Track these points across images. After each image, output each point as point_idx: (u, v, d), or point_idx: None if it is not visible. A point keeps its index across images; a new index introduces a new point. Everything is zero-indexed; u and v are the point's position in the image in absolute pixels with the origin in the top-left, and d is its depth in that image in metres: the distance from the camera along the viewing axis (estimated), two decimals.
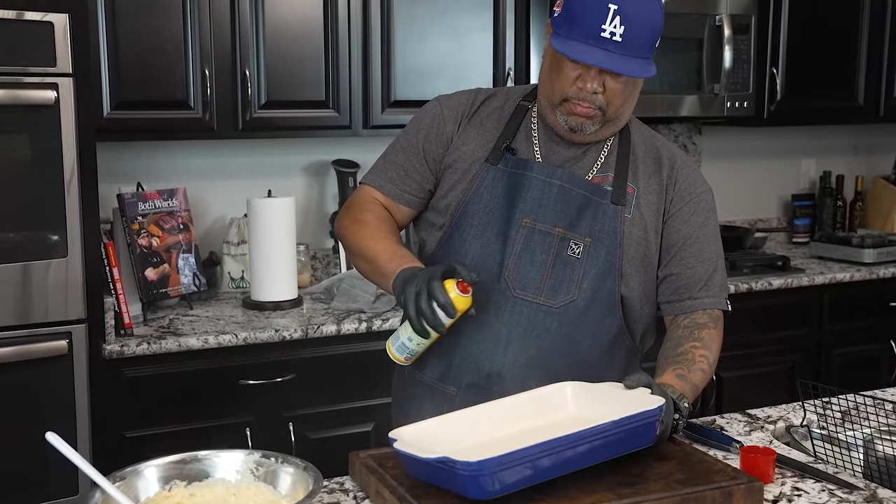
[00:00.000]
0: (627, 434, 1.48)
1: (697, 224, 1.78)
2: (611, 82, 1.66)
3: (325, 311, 2.88)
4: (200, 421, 2.62)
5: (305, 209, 3.32)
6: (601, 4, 1.59)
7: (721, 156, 4.06)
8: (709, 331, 1.78)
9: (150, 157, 3.07)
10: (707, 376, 1.74)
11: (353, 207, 1.82)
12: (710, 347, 1.76)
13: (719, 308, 1.81)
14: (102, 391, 2.50)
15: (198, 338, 2.58)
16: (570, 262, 1.73)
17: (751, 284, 3.31)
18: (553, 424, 1.62)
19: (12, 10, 2.28)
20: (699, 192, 1.80)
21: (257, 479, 1.42)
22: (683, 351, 1.74)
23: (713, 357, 1.75)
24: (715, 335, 1.78)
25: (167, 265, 2.82)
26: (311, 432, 2.73)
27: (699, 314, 1.79)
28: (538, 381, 1.69)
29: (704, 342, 1.75)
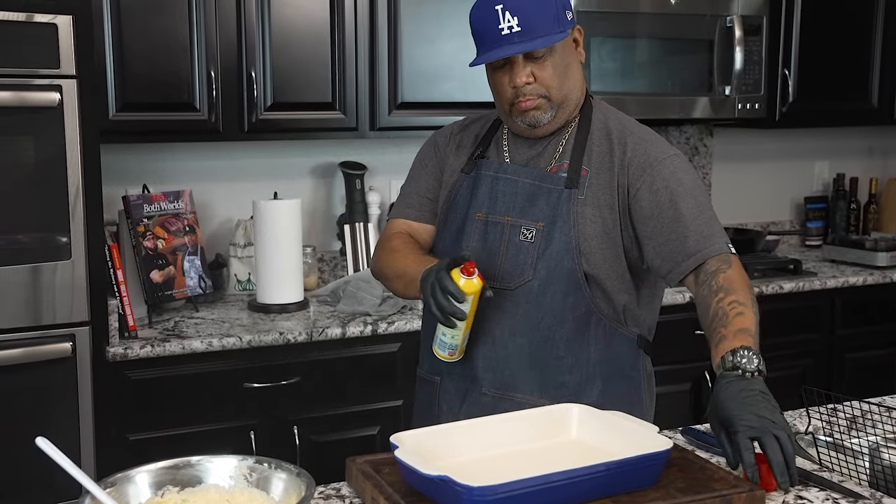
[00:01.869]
0: (632, 473, 1.46)
1: (665, 191, 1.78)
2: (537, 70, 1.77)
3: (331, 314, 2.87)
4: (204, 424, 2.61)
5: (312, 211, 3.31)
6: (490, 10, 1.73)
7: (733, 158, 4.02)
8: (724, 275, 1.73)
9: (156, 159, 3.07)
10: (750, 312, 1.70)
11: (382, 241, 1.98)
12: (735, 288, 1.71)
13: (722, 252, 1.75)
14: (106, 394, 2.49)
15: (202, 340, 2.57)
16: (523, 247, 1.81)
17: (761, 288, 3.28)
18: (554, 447, 1.61)
19: (16, 12, 2.28)
20: (659, 160, 1.80)
21: (250, 484, 1.41)
22: (714, 312, 1.71)
23: (744, 294, 1.71)
24: (733, 275, 1.73)
25: (172, 267, 2.82)
26: (316, 436, 2.72)
27: (707, 265, 1.75)
28: (508, 360, 1.82)
29: (725, 288, 1.71)
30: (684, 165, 1.82)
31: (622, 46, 3.32)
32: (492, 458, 1.56)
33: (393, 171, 3.38)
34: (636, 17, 3.28)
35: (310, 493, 1.32)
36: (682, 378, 3.23)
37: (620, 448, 1.53)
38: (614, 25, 3.25)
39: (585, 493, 1.43)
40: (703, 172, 3.96)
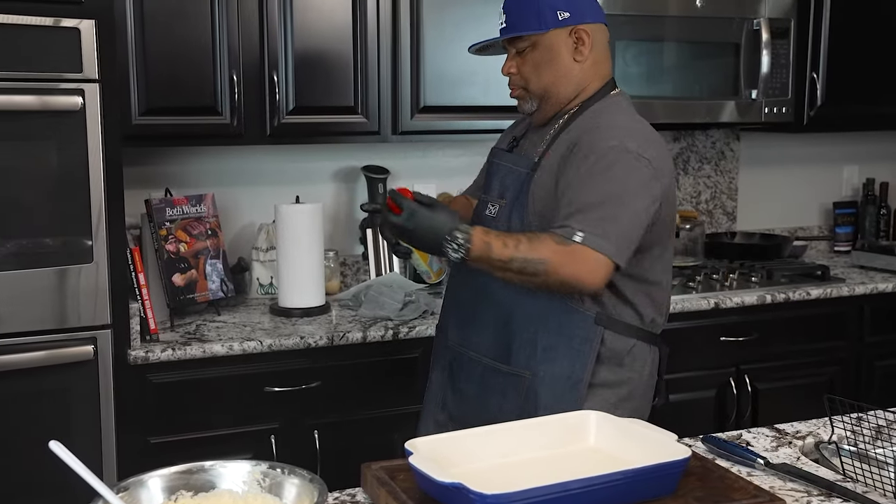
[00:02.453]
0: (649, 482, 1.44)
1: (577, 171, 1.88)
2: (520, 64, 2.01)
3: (353, 319, 2.86)
4: (225, 428, 2.62)
5: (335, 215, 3.31)
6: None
7: (760, 162, 3.98)
8: (544, 235, 1.84)
9: (179, 163, 3.08)
10: (509, 250, 1.81)
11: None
12: (533, 240, 1.82)
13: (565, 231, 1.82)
14: (127, 397, 2.50)
15: (223, 344, 2.58)
16: (487, 220, 2.03)
17: (788, 294, 3.23)
18: (571, 455, 1.59)
19: (39, 17, 2.29)
20: (594, 148, 1.88)
21: (263, 490, 1.40)
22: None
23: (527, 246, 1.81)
24: (548, 239, 1.82)
25: (195, 271, 2.82)
26: (336, 441, 2.71)
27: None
28: (469, 320, 2.06)
29: (528, 235, 1.86)
30: (614, 155, 1.85)
31: (647, 50, 3.29)
32: (508, 466, 1.55)
33: (416, 175, 3.37)
34: (662, 20, 3.26)
35: (322, 498, 1.31)
36: (706, 385, 3.19)
37: (638, 456, 1.52)
38: (639, 29, 3.23)
39: (602, 501, 1.41)
40: (730, 177, 3.92)
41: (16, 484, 2.35)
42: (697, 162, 3.85)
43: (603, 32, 2.02)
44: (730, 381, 3.20)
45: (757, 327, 3.22)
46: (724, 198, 3.93)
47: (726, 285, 3.25)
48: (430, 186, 3.42)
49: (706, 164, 3.87)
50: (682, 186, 3.83)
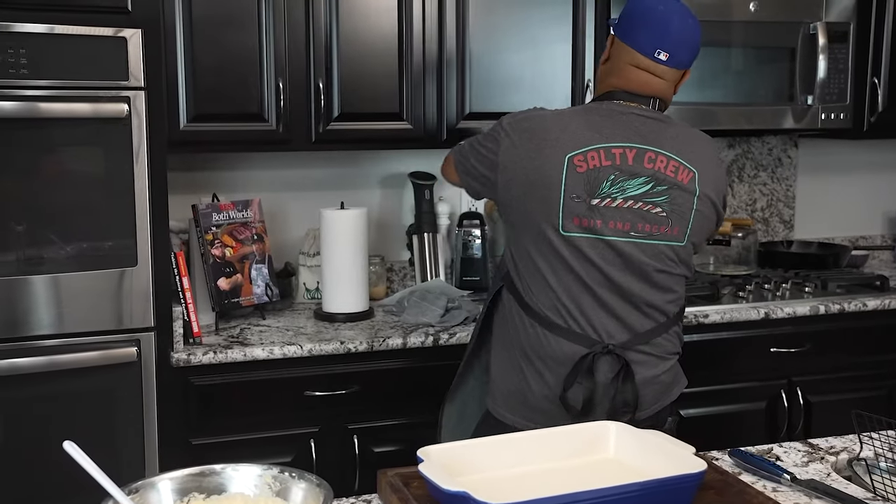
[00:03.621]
0: (662, 496, 1.42)
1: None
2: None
3: (395, 324, 2.87)
4: (265, 430, 2.65)
5: (382, 221, 3.33)
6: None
7: (819, 169, 3.88)
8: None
9: (227, 169, 3.14)
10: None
11: None
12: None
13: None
14: (170, 398, 2.55)
15: (264, 348, 2.61)
16: None
17: (843, 305, 3.15)
18: (590, 465, 1.58)
19: (88, 27, 2.35)
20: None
21: (274, 493, 1.41)
22: None
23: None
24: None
25: (240, 275, 2.87)
26: (376, 445, 2.73)
27: None
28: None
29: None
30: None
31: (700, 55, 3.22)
32: (521, 476, 1.54)
33: None
34: (714, 24, 3.20)
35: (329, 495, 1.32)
36: (757, 396, 3.12)
37: (656, 469, 1.49)
38: None
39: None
40: (787, 184, 3.83)
41: (55, 484, 2.41)
42: (753, 169, 3.78)
43: (629, 55, 2.12)
44: (781, 394, 3.13)
45: (810, 338, 3.14)
46: (781, 205, 3.85)
47: (778, 295, 3.18)
48: None
49: (762, 171, 3.79)
50: (736, 194, 3.76)
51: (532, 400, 2.12)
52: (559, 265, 2.06)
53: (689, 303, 3.06)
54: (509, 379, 2.17)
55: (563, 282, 2.06)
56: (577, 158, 2.04)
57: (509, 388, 2.17)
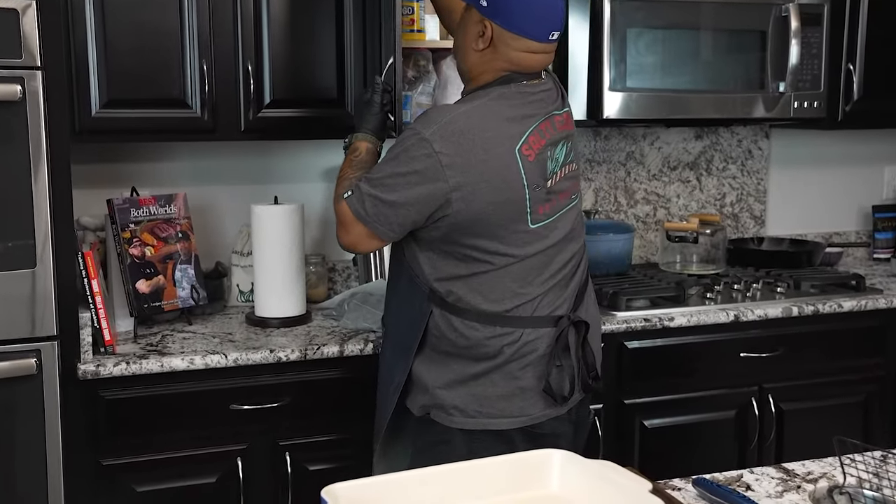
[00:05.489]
0: None
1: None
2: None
3: (332, 330, 2.62)
4: (186, 449, 2.39)
5: (323, 218, 3.07)
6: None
7: (791, 162, 3.67)
8: (344, 182, 2.10)
9: (148, 160, 2.87)
10: (340, 175, 2.16)
11: None
12: (341, 182, 2.13)
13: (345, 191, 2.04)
14: (76, 415, 2.29)
15: (183, 358, 2.36)
16: None
17: (817, 306, 2.93)
18: (529, 502, 1.34)
19: None
20: (403, 132, 2.02)
21: None
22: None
23: (338, 182, 2.14)
24: (340, 186, 2.11)
25: (162, 277, 2.61)
26: (311, 463, 2.48)
27: None
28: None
29: (349, 174, 2.13)
30: (412, 141, 1.93)
31: (662, 38, 3.01)
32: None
33: None
34: (677, 5, 2.97)
35: None
36: (726, 405, 2.91)
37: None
38: (652, 15, 2.94)
39: None
40: (758, 178, 3.62)
41: None
42: (722, 162, 3.56)
43: (521, 42, 1.99)
44: (752, 402, 2.91)
45: (782, 342, 2.93)
46: (752, 200, 3.63)
47: (748, 296, 2.96)
48: None
49: (731, 163, 3.58)
50: (704, 188, 3.54)
51: (498, 403, 2.03)
52: (527, 258, 1.99)
53: (653, 304, 2.85)
54: (471, 390, 2.03)
55: (528, 275, 2.00)
56: (524, 148, 1.96)
57: (472, 395, 2.03)
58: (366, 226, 1.98)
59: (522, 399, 2.01)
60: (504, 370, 2.00)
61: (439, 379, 2.05)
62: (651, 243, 3.49)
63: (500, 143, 1.93)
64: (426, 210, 1.94)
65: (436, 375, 2.05)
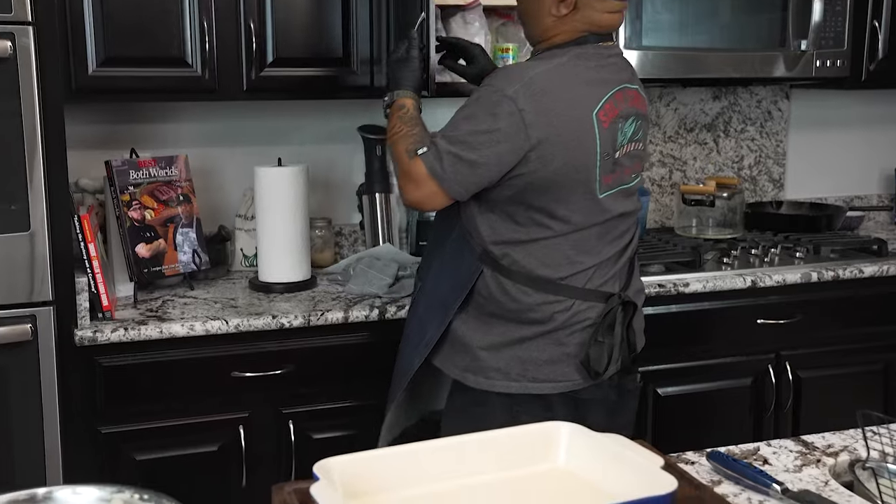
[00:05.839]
0: None
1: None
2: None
3: (337, 296, 2.56)
4: (187, 417, 2.34)
5: (329, 180, 3.00)
6: None
7: (812, 123, 3.57)
8: (408, 138, 2.00)
9: (148, 121, 2.79)
10: (392, 132, 2.05)
11: None
12: (402, 137, 2.01)
13: (418, 147, 1.94)
14: (74, 382, 2.24)
15: (183, 324, 2.29)
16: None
17: (837, 272, 2.84)
18: (534, 478, 1.27)
19: None
20: (477, 90, 1.95)
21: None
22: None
23: (396, 138, 2.02)
24: (404, 141, 1.99)
25: (163, 241, 2.54)
26: (315, 431, 2.43)
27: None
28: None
29: (407, 129, 2.03)
30: (491, 96, 1.87)
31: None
32: (447, 493, 1.23)
33: None
34: None
35: None
36: (742, 372, 2.83)
37: (617, 485, 1.20)
38: None
39: None
40: (777, 140, 3.52)
41: None
42: (740, 123, 3.46)
43: (603, 3, 1.95)
44: (768, 369, 2.84)
45: (800, 309, 2.84)
46: (770, 163, 3.53)
47: (766, 261, 2.88)
48: None
49: (750, 125, 3.47)
50: (722, 150, 3.44)
51: (544, 367, 1.99)
52: (586, 227, 1.95)
53: (668, 270, 2.77)
54: (516, 353, 1.99)
55: (588, 244, 1.96)
56: (601, 114, 1.92)
57: (517, 357, 1.99)
58: (440, 184, 1.91)
59: (567, 365, 1.98)
60: (552, 336, 1.96)
61: (482, 340, 1.99)
62: (667, 207, 3.40)
63: (580, 106, 1.90)
64: (504, 168, 1.88)
65: (479, 336, 2.00)
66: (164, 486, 2.23)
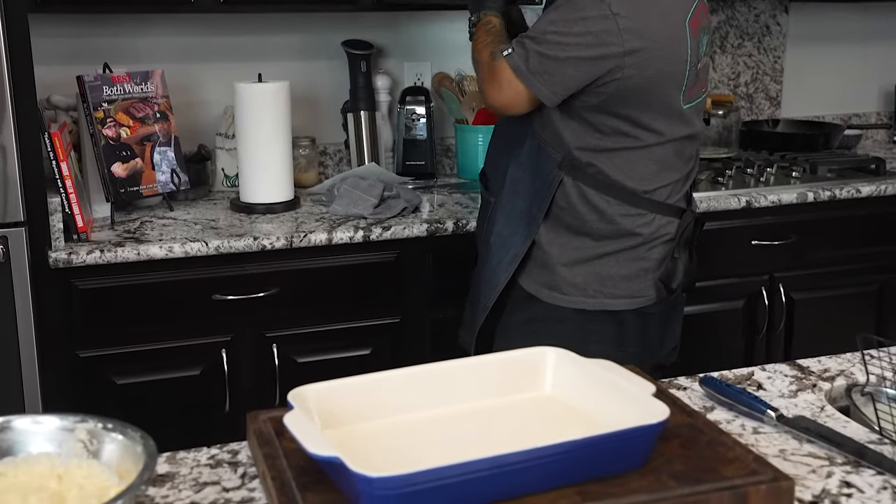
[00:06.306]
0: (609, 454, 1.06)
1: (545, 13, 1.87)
2: None
3: (321, 217, 2.48)
4: (168, 340, 2.29)
5: (313, 98, 2.90)
6: None
7: (810, 39, 3.46)
8: (492, 45, 1.94)
9: (122, 34, 2.67)
10: (477, 42, 1.99)
11: None
12: (485, 44, 1.95)
13: (504, 48, 1.87)
14: (50, 305, 2.17)
15: (162, 245, 2.22)
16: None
17: (834, 191, 2.78)
18: (519, 406, 1.22)
19: None
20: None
21: (91, 454, 1.05)
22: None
23: (479, 44, 1.97)
24: (489, 47, 1.93)
25: (140, 160, 2.46)
26: (298, 355, 2.38)
27: None
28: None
29: (491, 38, 1.96)
30: (579, 2, 1.79)
31: None
32: (428, 422, 1.18)
33: (407, 53, 2.96)
34: None
35: (150, 462, 0.97)
36: (734, 294, 2.78)
37: (607, 413, 1.15)
38: None
39: (540, 480, 1.04)
40: (775, 56, 3.42)
41: None
42: (737, 38, 3.35)
43: None
44: (762, 291, 2.79)
45: (795, 229, 2.78)
46: (768, 80, 3.43)
47: (762, 181, 2.81)
48: (425, 65, 3.00)
49: (747, 40, 3.37)
50: (718, 66, 3.34)
51: (622, 283, 1.94)
52: (670, 141, 1.90)
53: None
54: (594, 269, 1.94)
55: (668, 159, 1.91)
56: (691, 22, 1.86)
57: (594, 273, 1.94)
58: (526, 85, 1.83)
59: (643, 281, 1.93)
60: (633, 252, 1.92)
61: (563, 255, 1.93)
62: None
63: (674, 12, 1.84)
64: (595, 73, 1.80)
65: (556, 251, 1.93)
66: (146, 411, 2.23)
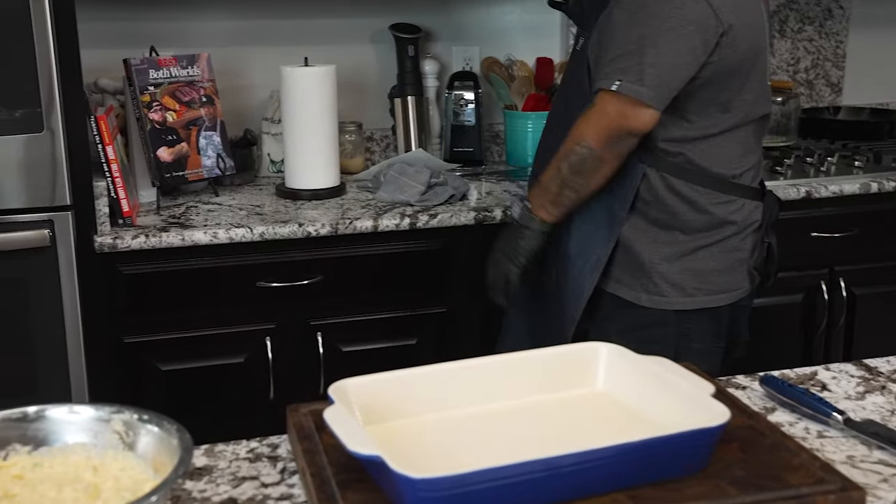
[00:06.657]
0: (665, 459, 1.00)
1: (613, 17, 1.76)
2: None
3: (367, 203, 2.44)
4: (212, 327, 2.26)
5: (361, 83, 2.85)
6: None
7: (875, 23, 3.34)
8: (581, 117, 1.79)
9: (168, 18, 2.65)
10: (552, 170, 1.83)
11: None
12: (571, 135, 1.79)
13: (600, 90, 1.75)
14: (95, 290, 2.16)
15: (206, 231, 2.20)
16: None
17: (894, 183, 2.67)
18: (569, 403, 1.17)
19: None
20: None
21: (127, 446, 1.01)
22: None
23: (569, 143, 1.80)
24: (581, 120, 1.78)
25: (185, 144, 2.43)
26: (343, 344, 2.34)
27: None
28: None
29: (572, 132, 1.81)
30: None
31: None
32: (475, 419, 1.13)
33: (455, 36, 2.91)
34: None
35: (186, 457, 0.93)
36: (793, 288, 2.68)
37: (662, 414, 1.09)
38: None
39: (593, 483, 0.98)
40: (837, 41, 3.30)
41: None
42: (797, 22, 3.24)
43: None
44: (821, 285, 2.69)
45: (858, 221, 2.68)
46: (829, 66, 3.32)
47: (822, 170, 2.71)
48: (474, 50, 2.94)
49: (808, 24, 3.26)
50: (776, 52, 3.24)
51: (718, 278, 1.87)
52: (751, 122, 1.85)
53: None
54: (688, 266, 1.85)
55: (749, 141, 1.86)
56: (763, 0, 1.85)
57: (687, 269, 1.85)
58: (655, 107, 1.71)
59: (737, 272, 1.87)
60: (726, 243, 1.84)
61: (655, 254, 1.83)
62: None
63: None
64: (701, 60, 1.73)
65: (650, 250, 1.83)
66: (190, 398, 2.21)
